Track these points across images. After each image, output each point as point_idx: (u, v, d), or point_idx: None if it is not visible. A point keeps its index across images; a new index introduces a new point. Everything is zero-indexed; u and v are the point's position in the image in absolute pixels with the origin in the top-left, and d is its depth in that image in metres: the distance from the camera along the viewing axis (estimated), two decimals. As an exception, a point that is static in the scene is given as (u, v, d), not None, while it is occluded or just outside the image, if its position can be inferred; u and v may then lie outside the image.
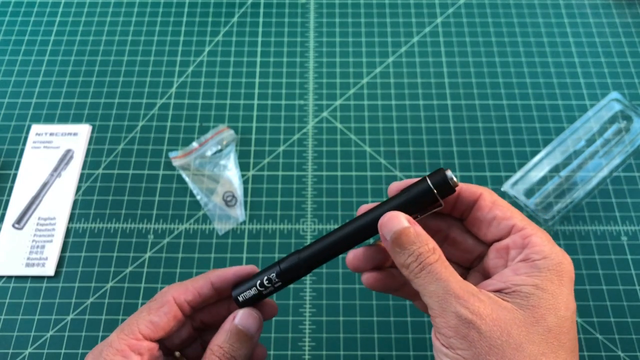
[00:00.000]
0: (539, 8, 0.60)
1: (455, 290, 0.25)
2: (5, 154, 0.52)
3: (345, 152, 0.52)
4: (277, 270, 0.29)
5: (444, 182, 0.27)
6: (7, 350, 0.43)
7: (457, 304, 0.24)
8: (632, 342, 0.43)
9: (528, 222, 0.28)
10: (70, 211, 0.49)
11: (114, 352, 0.27)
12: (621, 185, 0.50)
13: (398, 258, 0.27)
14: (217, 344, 0.28)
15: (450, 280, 0.25)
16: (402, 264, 0.27)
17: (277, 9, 0.61)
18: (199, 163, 0.51)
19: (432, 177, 0.28)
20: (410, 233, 0.26)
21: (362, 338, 0.44)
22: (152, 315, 0.28)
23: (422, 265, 0.26)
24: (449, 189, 0.27)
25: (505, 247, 0.28)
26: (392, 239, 0.27)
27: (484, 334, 0.24)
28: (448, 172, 0.27)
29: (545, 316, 0.24)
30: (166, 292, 0.30)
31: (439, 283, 0.25)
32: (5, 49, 0.58)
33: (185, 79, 0.56)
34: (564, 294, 0.25)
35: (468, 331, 0.24)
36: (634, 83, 0.55)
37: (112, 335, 0.28)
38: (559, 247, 0.27)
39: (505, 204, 0.29)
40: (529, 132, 0.53)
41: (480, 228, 0.29)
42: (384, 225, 0.27)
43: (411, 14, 0.60)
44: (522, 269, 0.26)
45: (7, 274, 0.46)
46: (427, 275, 0.25)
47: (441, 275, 0.25)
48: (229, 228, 0.48)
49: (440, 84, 0.56)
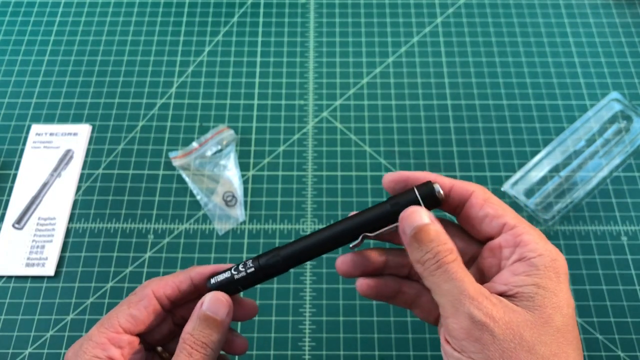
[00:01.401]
0: (539, 8, 0.60)
1: (469, 291, 0.25)
2: (5, 154, 0.52)
3: (345, 152, 0.52)
4: (253, 258, 0.30)
5: (431, 194, 0.28)
6: (7, 350, 0.43)
7: (470, 305, 0.24)
8: (632, 342, 0.43)
9: (520, 220, 0.28)
10: (70, 211, 0.49)
11: (93, 345, 0.27)
12: (621, 185, 0.50)
13: (415, 254, 0.27)
14: (187, 332, 0.28)
15: (465, 280, 0.25)
16: (418, 260, 0.27)
17: (277, 9, 0.61)
18: (199, 163, 0.51)
19: (420, 189, 0.28)
20: (430, 230, 0.26)
21: (362, 338, 0.44)
22: (132, 309, 0.29)
23: (440, 264, 0.26)
24: (435, 200, 0.28)
25: (498, 245, 0.28)
26: (411, 233, 0.27)
27: (497, 337, 0.24)
28: (436, 185, 0.28)
29: (552, 316, 0.24)
30: (146, 286, 0.30)
31: (454, 282, 0.25)
32: (5, 49, 0.58)
33: (185, 79, 0.56)
34: (564, 291, 0.25)
35: (481, 334, 0.24)
36: (634, 83, 0.55)
37: (93, 329, 0.28)
38: (551, 243, 0.27)
39: (497, 202, 0.29)
40: (529, 132, 0.53)
41: (472, 226, 0.29)
42: (405, 218, 0.27)
43: (411, 14, 0.60)
44: (519, 269, 0.26)
45: (7, 274, 0.46)
46: (442, 274, 0.25)
47: (457, 275, 0.25)
48: (229, 228, 0.48)
49: (440, 84, 0.56)
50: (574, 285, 0.45)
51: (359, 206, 0.49)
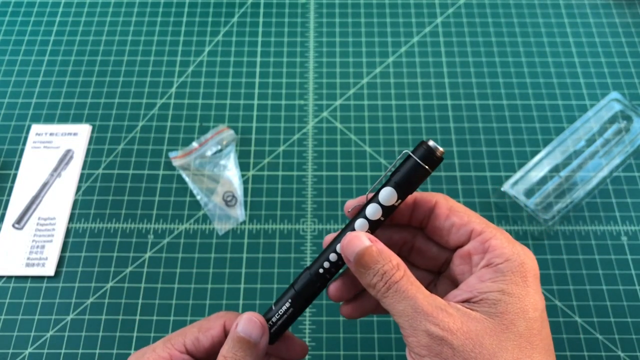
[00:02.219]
0: (539, 8, 0.60)
1: (423, 308, 0.24)
2: (5, 154, 0.52)
3: (345, 152, 0.52)
4: (292, 293, 0.30)
5: (430, 152, 0.26)
6: (7, 350, 0.43)
7: (426, 321, 0.24)
8: (632, 342, 0.43)
9: (486, 224, 0.27)
10: (70, 211, 0.49)
11: (155, 357, 0.28)
12: (621, 185, 0.50)
13: (364, 279, 0.26)
14: (222, 354, 0.28)
15: (417, 297, 0.25)
16: (368, 284, 0.26)
17: (277, 9, 0.61)
18: (199, 163, 0.51)
19: (417, 151, 0.27)
20: (372, 252, 0.26)
21: (362, 338, 0.44)
22: (201, 334, 0.29)
23: (389, 285, 0.25)
24: (436, 157, 0.27)
25: (467, 253, 0.28)
26: (355, 260, 0.26)
27: (456, 349, 0.24)
28: (430, 142, 0.27)
29: (514, 321, 0.24)
30: (220, 316, 0.30)
31: (407, 301, 0.25)
32: (5, 49, 0.58)
33: (185, 79, 0.56)
34: (530, 295, 0.25)
35: (441, 348, 0.24)
36: (634, 83, 0.55)
37: (159, 341, 0.29)
38: (520, 245, 0.27)
39: (462, 209, 0.28)
40: (529, 132, 0.53)
41: (441, 236, 0.29)
42: (345, 247, 0.27)
43: (411, 14, 0.60)
44: (486, 275, 0.26)
45: (7, 274, 0.46)
46: (394, 294, 0.25)
47: (408, 293, 0.25)
48: (229, 228, 0.48)
49: (440, 84, 0.56)
50: (574, 285, 0.45)
51: (359, 206, 0.49)
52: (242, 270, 0.47)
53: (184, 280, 0.46)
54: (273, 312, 0.30)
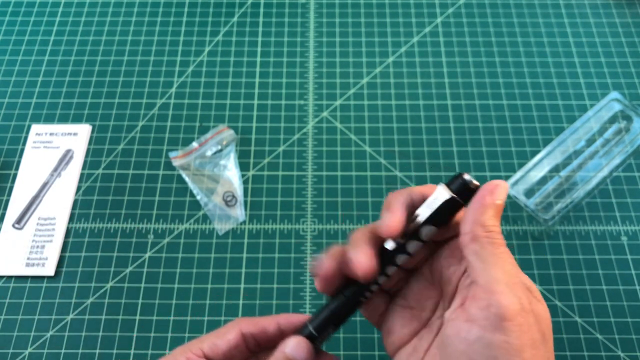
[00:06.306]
0: (539, 8, 0.60)
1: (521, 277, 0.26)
2: (5, 154, 0.52)
3: (345, 152, 0.52)
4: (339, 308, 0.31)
5: (465, 186, 0.27)
6: (7, 350, 0.43)
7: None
8: (632, 342, 0.43)
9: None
10: (70, 211, 0.49)
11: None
12: (621, 185, 0.50)
13: (490, 219, 0.27)
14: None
15: None
16: (488, 225, 0.27)
17: (277, 9, 0.61)
18: (199, 163, 0.51)
19: (452, 184, 0.28)
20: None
21: (362, 338, 0.44)
22: (218, 338, 0.30)
23: (501, 242, 0.27)
24: (470, 191, 0.27)
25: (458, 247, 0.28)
26: (498, 202, 0.27)
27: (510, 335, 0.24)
28: (466, 175, 0.28)
29: None
30: (237, 322, 0.31)
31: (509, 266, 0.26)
32: (5, 49, 0.58)
33: (185, 79, 0.56)
34: None
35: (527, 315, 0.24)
36: (634, 83, 0.55)
37: (177, 348, 0.30)
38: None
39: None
40: (529, 132, 0.53)
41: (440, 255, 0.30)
42: (497, 186, 0.27)
43: (411, 14, 0.60)
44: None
45: (7, 274, 0.46)
46: (503, 253, 0.26)
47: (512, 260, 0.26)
48: (229, 228, 0.48)
49: (440, 84, 0.56)
50: (574, 285, 0.45)
51: (359, 206, 0.49)
52: (242, 270, 0.47)
53: (184, 280, 0.46)
54: (309, 330, 0.30)
